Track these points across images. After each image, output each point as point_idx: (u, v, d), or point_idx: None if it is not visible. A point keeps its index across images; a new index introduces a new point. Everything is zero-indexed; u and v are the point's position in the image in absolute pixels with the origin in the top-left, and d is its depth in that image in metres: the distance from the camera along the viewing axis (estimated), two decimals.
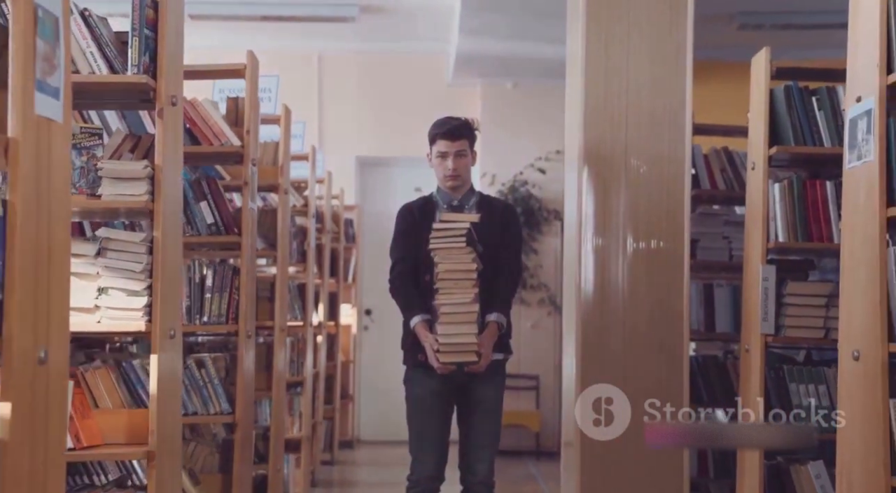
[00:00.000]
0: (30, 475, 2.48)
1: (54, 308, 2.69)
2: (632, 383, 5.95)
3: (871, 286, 3.57)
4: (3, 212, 2.42)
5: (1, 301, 2.41)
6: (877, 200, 3.56)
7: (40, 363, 2.55)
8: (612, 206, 6.20)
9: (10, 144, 2.43)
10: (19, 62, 2.46)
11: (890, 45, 3.57)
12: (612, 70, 6.24)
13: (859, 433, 3.65)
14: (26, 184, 2.47)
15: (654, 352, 6.16)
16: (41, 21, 2.50)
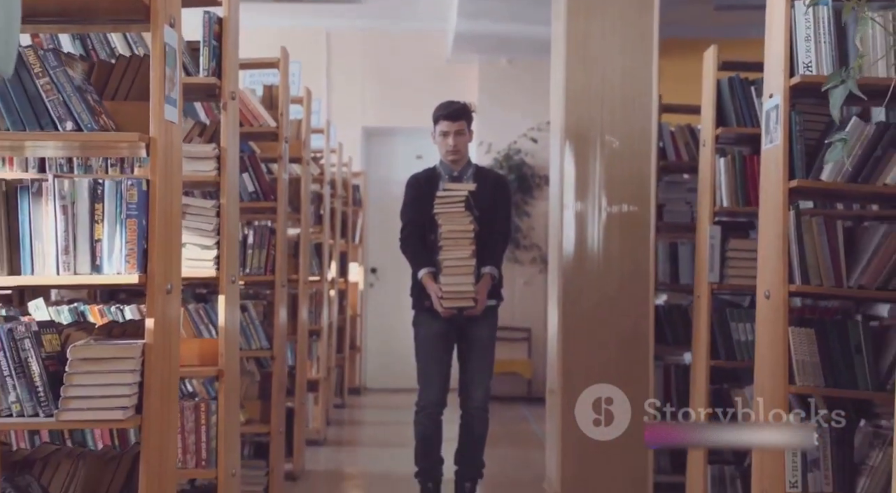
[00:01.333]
0: (162, 372, 3.52)
1: (174, 255, 3.71)
2: (605, 330, 6.97)
3: (778, 241, 4.57)
4: (147, 187, 3.46)
5: (146, 250, 3.45)
6: (781, 174, 4.57)
7: (168, 293, 3.59)
8: (590, 175, 7.01)
9: (152, 141, 3.45)
10: (156, 84, 3.48)
11: (792, 54, 4.56)
12: (589, 58, 7.03)
13: (769, 354, 4.65)
14: (161, 167, 3.49)
15: (625, 302, 6.97)
16: (168, 54, 3.52)
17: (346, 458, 8.90)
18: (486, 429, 6.55)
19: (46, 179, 3.43)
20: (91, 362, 3.33)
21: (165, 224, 3.55)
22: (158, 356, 3.45)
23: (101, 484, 3.73)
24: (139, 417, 3.42)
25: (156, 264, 3.46)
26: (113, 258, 3.43)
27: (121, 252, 3.43)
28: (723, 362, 6.04)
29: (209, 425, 4.65)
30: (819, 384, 4.51)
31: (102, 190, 3.44)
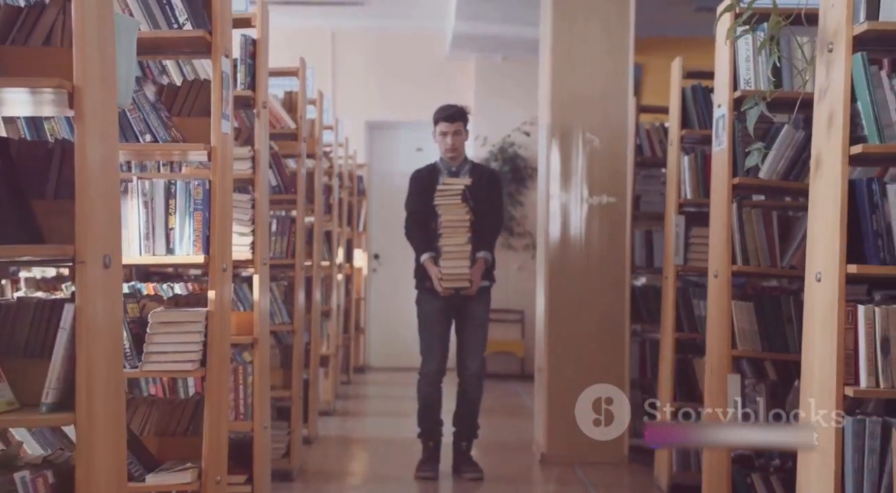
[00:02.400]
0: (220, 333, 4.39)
1: (227, 240, 4.59)
2: (585, 307, 7.75)
3: (724, 229, 5.44)
4: (210, 186, 4.34)
5: (208, 236, 4.34)
6: (727, 172, 5.44)
7: (223, 272, 4.46)
8: (573, 169, 7.79)
9: (213, 150, 4.34)
10: (215, 104, 4.35)
11: (735, 71, 5.42)
12: (572, 63, 7.78)
13: (716, 324, 5.52)
14: (219, 170, 4.38)
15: (604, 283, 7.75)
16: (224, 80, 4.40)
17: (354, 426, 9.63)
18: (480, 395, 7.23)
19: (132, 180, 4.32)
20: (167, 325, 4.21)
21: (222, 216, 4.42)
22: (217, 321, 4.33)
23: (169, 424, 4.62)
24: (204, 369, 4.30)
25: (216, 247, 4.35)
26: (183, 243, 4.32)
27: (189, 238, 4.32)
28: (686, 335, 6.82)
29: (245, 385, 5.48)
30: (756, 349, 5.39)
31: (175, 189, 4.34)
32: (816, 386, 3.95)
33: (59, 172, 3.09)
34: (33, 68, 3.02)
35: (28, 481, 2.81)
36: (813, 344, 4.03)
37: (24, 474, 2.82)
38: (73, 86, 2.84)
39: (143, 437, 4.55)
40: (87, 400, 2.85)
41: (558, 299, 7.85)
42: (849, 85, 3.83)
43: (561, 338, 7.82)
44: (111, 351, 3.08)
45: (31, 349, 3.05)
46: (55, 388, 2.88)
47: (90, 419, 2.87)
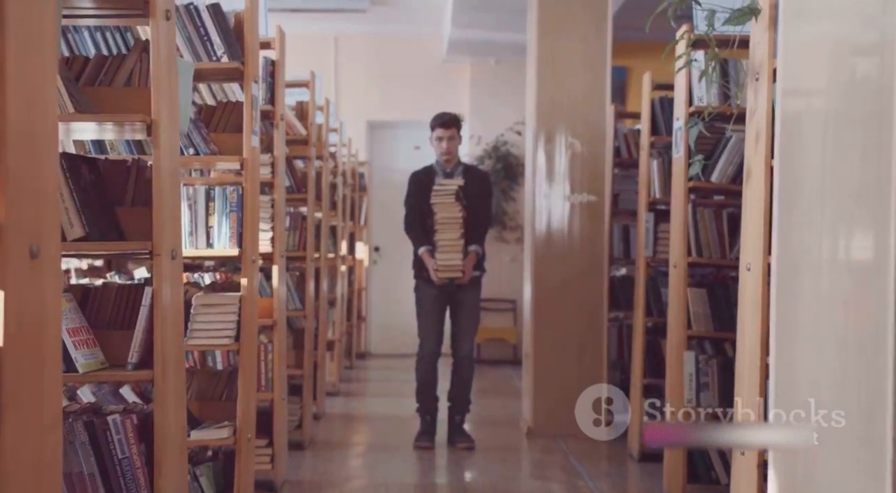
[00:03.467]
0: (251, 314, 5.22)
1: (256, 236, 5.41)
2: (569, 295, 8.48)
3: (681, 224, 6.26)
4: (242, 192, 5.17)
5: (241, 233, 5.17)
6: (683, 176, 6.25)
7: (252, 263, 5.30)
8: (556, 170, 8.54)
9: (245, 162, 5.18)
10: (247, 122, 5.18)
11: (690, 90, 6.23)
12: (556, 73, 8.53)
13: (675, 308, 6.32)
14: (250, 178, 5.21)
15: (584, 274, 8.51)
16: (254, 101, 5.24)
17: (358, 405, 10.37)
18: (471, 374, 7.99)
19: None
20: (207, 307, 5.04)
21: (252, 216, 5.26)
22: (249, 304, 5.16)
23: (207, 391, 5.47)
24: (237, 343, 5.13)
25: (248, 242, 5.18)
26: (221, 239, 5.16)
27: (226, 235, 5.16)
28: (655, 319, 7.55)
29: (266, 361, 6.28)
30: (709, 329, 6.21)
31: (214, 194, 5.18)
32: (747, 357, 4.77)
33: (136, 184, 3.93)
34: (117, 104, 3.88)
35: (119, 421, 3.66)
36: (744, 323, 4.84)
37: (116, 417, 3.67)
38: (152, 120, 3.68)
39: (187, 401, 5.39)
40: (162, 361, 3.69)
41: (543, 289, 8.55)
42: (770, 109, 4.64)
43: (546, 324, 8.52)
44: (176, 324, 3.89)
45: (114, 323, 3.90)
46: (138, 351, 3.73)
47: (164, 375, 3.71)
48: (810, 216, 3.27)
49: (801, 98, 3.48)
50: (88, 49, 4.44)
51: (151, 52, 3.70)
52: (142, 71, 3.95)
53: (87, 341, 3.73)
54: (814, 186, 3.22)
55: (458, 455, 7.71)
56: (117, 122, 3.74)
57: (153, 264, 3.65)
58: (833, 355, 3.12)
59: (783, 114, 3.55)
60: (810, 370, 3.25)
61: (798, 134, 3.45)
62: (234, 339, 5.11)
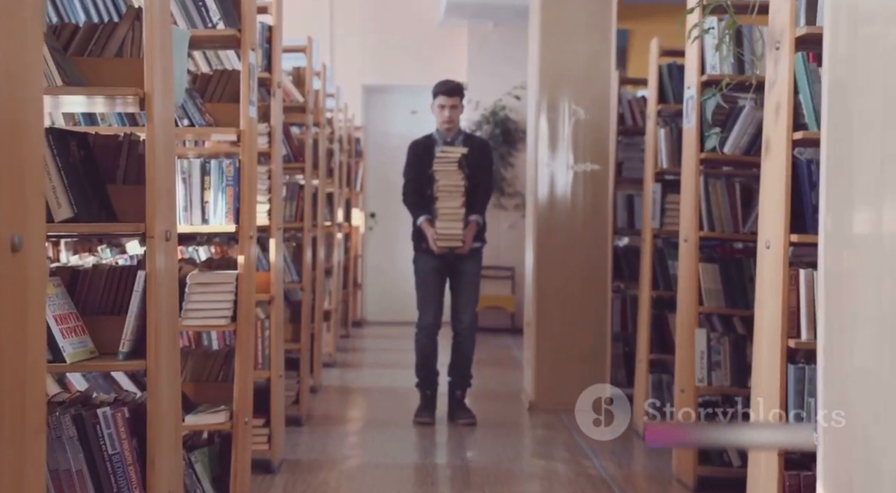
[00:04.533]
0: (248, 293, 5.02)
1: (253, 211, 5.19)
2: (571, 265, 8.36)
3: (693, 198, 6.06)
4: (239, 165, 4.96)
5: (238, 208, 4.96)
6: (695, 147, 6.05)
7: (250, 238, 5.09)
8: (559, 138, 8.36)
9: (241, 134, 4.96)
10: (244, 92, 4.97)
11: (702, 59, 6.02)
12: (559, 38, 8.33)
13: (686, 284, 6.12)
14: (248, 150, 5.00)
15: (588, 244, 8.35)
16: (252, 71, 5.01)
17: (355, 376, 10.23)
18: (473, 346, 7.86)
19: None
20: (203, 286, 4.84)
21: (249, 190, 5.05)
22: (246, 282, 4.96)
23: (203, 372, 5.27)
24: (234, 323, 4.93)
25: (245, 217, 4.97)
26: (217, 214, 4.95)
27: (222, 210, 4.94)
28: (661, 292, 7.39)
29: (263, 338, 6.08)
30: (721, 306, 6.01)
31: (209, 167, 4.96)
32: (766, 339, 4.58)
33: (127, 161, 3.70)
34: (108, 76, 3.64)
35: (109, 415, 3.45)
36: (763, 303, 4.65)
37: (106, 410, 3.46)
38: (144, 92, 3.45)
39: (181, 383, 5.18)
40: (155, 349, 3.47)
41: (546, 258, 8.40)
42: (792, 79, 4.44)
43: (548, 294, 8.38)
44: (171, 310, 3.67)
45: (105, 308, 3.68)
46: (130, 339, 3.51)
47: (157, 364, 3.49)
48: (867, 188, 3.03)
49: (852, 64, 3.23)
50: (78, 16, 4.19)
51: (144, 20, 3.47)
52: (134, 40, 3.72)
53: (76, 329, 3.51)
54: (872, 156, 2.98)
55: (459, 432, 7.57)
56: (108, 95, 3.52)
57: (147, 246, 3.44)
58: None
59: (832, 82, 3.32)
60: (868, 362, 3.00)
61: (848, 102, 3.22)
62: (230, 319, 4.92)
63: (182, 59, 3.96)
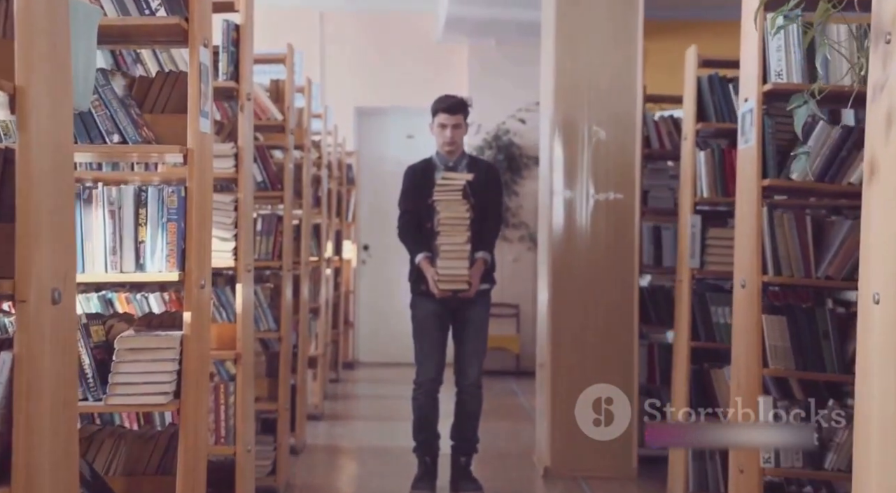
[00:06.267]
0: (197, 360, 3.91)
1: (206, 252, 4.10)
2: (590, 306, 7.35)
3: (752, 234, 4.96)
4: (185, 194, 3.84)
5: (184, 250, 3.84)
6: (756, 173, 4.96)
7: (201, 288, 3.97)
8: (578, 163, 7.36)
9: (189, 152, 3.84)
10: (192, 99, 3.86)
11: (765, 64, 4.94)
12: (577, 49, 7.36)
13: (743, 340, 5.05)
14: (197, 176, 3.88)
15: (611, 283, 7.35)
16: (202, 72, 3.90)
17: (345, 432, 9.16)
18: (480, 406, 6.85)
19: (96, 187, 3.81)
20: (136, 352, 3.72)
21: (200, 225, 3.93)
22: (194, 346, 3.84)
23: (140, 461, 4.12)
24: (178, 401, 3.81)
25: (193, 262, 3.85)
26: (155, 258, 3.83)
27: (162, 252, 3.82)
28: (703, 343, 6.40)
29: (227, 404, 5.01)
30: (790, 367, 4.90)
31: (146, 196, 3.83)
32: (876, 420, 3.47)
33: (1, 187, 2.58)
34: None
35: None
36: (870, 373, 3.54)
37: None
38: (15, 87, 2.34)
39: (109, 477, 4.04)
40: (26, 471, 2.32)
41: (563, 297, 7.46)
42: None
43: (564, 338, 7.44)
44: (61, 406, 2.53)
45: None
46: None
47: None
48: None
49: None
50: None
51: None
52: (8, 15, 2.60)
53: None
54: None
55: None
56: None
57: (17, 313, 2.30)
58: None
59: None
60: None
61: None
62: (172, 395, 3.79)
63: (89, 46, 2.87)
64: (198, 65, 3.86)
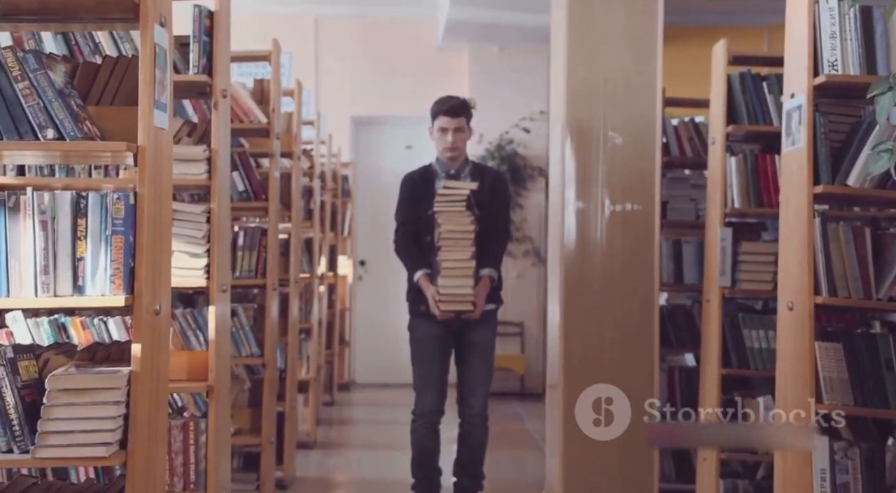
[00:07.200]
0: (150, 402, 3.25)
1: (164, 272, 3.45)
2: (608, 327, 6.76)
3: (801, 249, 4.33)
4: (135, 201, 3.19)
5: (132, 269, 3.18)
6: (806, 178, 4.32)
7: (156, 314, 3.32)
8: (592, 171, 6.79)
9: (140, 151, 3.18)
10: (145, 88, 3.21)
11: (816, 53, 4.31)
12: (591, 49, 6.81)
13: (791, 370, 4.41)
14: (149, 179, 3.23)
15: (628, 301, 6.77)
16: (158, 55, 3.25)
17: (338, 462, 8.62)
18: (485, 438, 6.42)
19: (24, 192, 3.15)
20: (72, 393, 3.06)
21: (154, 239, 3.28)
22: (145, 385, 3.19)
23: None
24: (124, 453, 3.15)
25: (143, 283, 3.19)
26: (97, 278, 3.16)
27: (105, 271, 3.16)
28: (735, 371, 5.88)
29: (198, 445, 4.41)
30: (848, 403, 4.25)
31: (86, 204, 3.17)
32: None
33: None
34: None
35: None
36: None
37: None
38: None
39: None
40: None
41: (576, 316, 6.89)
42: None
43: (577, 360, 6.85)
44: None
45: None
46: None
47: None
48: None
49: None
50: None
51: None
52: None
53: None
54: None
55: None
56: None
57: None
58: None
59: None
60: None
61: None
62: (118, 445, 3.13)
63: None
64: (152, 46, 3.21)
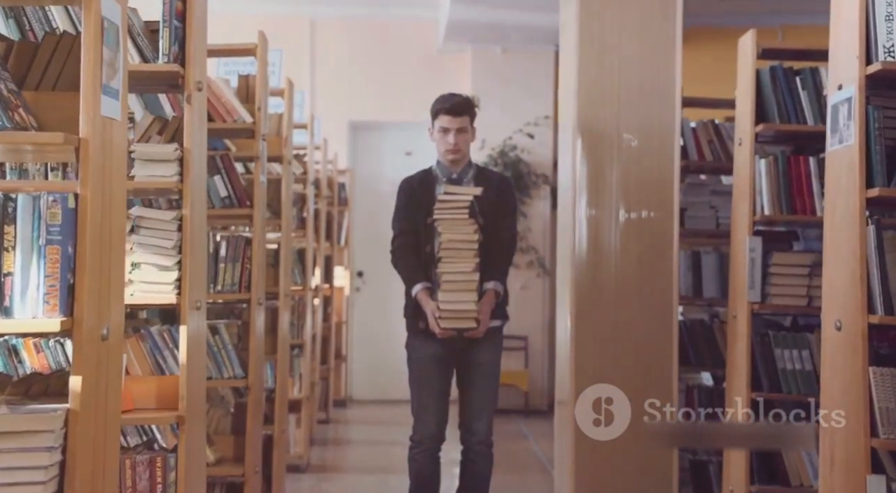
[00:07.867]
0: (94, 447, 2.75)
1: (114, 289, 2.95)
2: (623, 344, 6.42)
3: (852, 261, 3.84)
4: (75, 204, 2.68)
5: (72, 285, 2.68)
6: (857, 181, 3.84)
7: (103, 340, 2.82)
8: (605, 177, 6.47)
9: (81, 144, 2.69)
10: (88, 70, 2.71)
11: (868, 37, 3.83)
12: (604, 47, 6.52)
13: (841, 399, 3.92)
14: (94, 178, 2.73)
15: (644, 315, 6.44)
16: (106, 31, 2.75)
17: (332, 488, 8.19)
18: (490, 467, 5.99)
19: None
20: None
21: (101, 250, 2.78)
22: (87, 425, 2.67)
23: None
24: None
25: (86, 303, 2.68)
26: (27, 298, 2.65)
27: (38, 289, 2.65)
28: (767, 394, 5.39)
29: (166, 483, 3.90)
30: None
31: (14, 208, 2.66)
32: None
33: None
34: None
35: None
36: None
37: None
38: None
39: None
40: None
41: (587, 329, 6.61)
42: None
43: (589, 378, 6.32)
44: None
45: None
46: None
47: None
48: None
49: None
50: None
51: None
52: None
53: None
54: None
55: None
56: None
57: None
58: None
59: None
60: None
61: None
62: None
63: None
64: (98, 19, 2.70)
